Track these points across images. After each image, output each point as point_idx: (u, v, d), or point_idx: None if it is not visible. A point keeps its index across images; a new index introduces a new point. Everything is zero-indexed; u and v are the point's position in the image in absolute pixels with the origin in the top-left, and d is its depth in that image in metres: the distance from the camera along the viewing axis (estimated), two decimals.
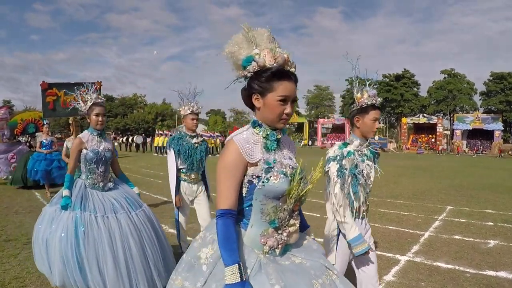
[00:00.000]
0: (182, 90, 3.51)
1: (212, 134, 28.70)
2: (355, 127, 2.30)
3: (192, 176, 3.55)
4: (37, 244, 2.65)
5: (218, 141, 27.02)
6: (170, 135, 24.59)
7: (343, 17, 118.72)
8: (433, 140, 44.15)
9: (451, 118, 48.04)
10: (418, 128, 46.51)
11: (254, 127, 1.43)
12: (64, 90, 5.61)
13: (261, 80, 1.34)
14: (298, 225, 1.44)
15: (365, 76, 2.31)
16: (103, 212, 2.63)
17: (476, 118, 43.11)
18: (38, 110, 14.14)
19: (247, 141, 1.39)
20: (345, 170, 2.07)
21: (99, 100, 2.88)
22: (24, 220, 5.36)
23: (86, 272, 2.43)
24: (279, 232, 1.37)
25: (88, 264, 2.44)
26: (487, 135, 41.75)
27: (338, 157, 2.12)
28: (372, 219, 5.82)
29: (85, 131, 2.92)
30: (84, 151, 2.81)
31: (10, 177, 8.72)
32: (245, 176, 1.37)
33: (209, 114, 71.05)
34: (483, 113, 45.77)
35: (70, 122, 5.89)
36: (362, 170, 2.14)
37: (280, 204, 1.38)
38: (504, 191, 9.13)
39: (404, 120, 46.23)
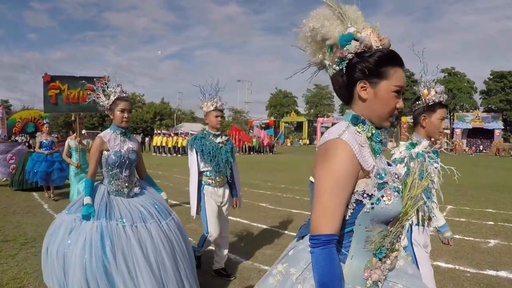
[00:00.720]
0: (204, 84, 3.19)
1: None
2: (419, 126, 2.13)
3: (217, 179, 3.21)
4: (49, 258, 2.25)
5: None
6: (169, 135, 24.17)
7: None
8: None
9: (451, 117, 48.03)
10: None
11: (355, 124, 1.11)
12: (68, 83, 5.20)
13: (370, 64, 1.06)
14: (401, 248, 1.19)
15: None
16: (131, 221, 2.28)
17: (476, 117, 43.09)
18: (37, 109, 13.44)
19: (357, 142, 1.07)
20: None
21: (124, 94, 2.54)
22: (22, 220, 5.33)
23: None
24: (383, 260, 1.10)
25: (122, 281, 2.09)
26: (487, 134, 41.74)
27: (406, 159, 1.96)
28: None
29: (107, 130, 2.57)
30: (105, 153, 2.46)
31: (9, 179, 8.49)
32: (353, 194, 1.05)
33: None
34: (483, 112, 45.77)
35: (72, 119, 5.46)
36: (430, 174, 1.96)
37: (388, 228, 1.10)
38: (504, 191, 9.11)
39: (404, 119, 46.19)
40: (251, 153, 26.97)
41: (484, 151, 38.93)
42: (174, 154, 23.48)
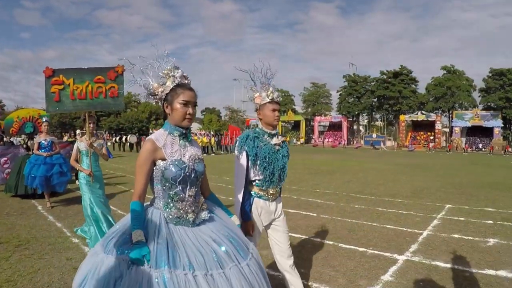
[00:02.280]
0: (253, 69, 2.55)
1: (207, 133, 28.51)
2: None
3: (271, 191, 2.53)
4: None
5: (213, 140, 26.88)
6: None
7: (339, 12, 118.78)
8: (431, 137, 44.17)
9: (450, 115, 48.05)
10: (417, 126, 46.56)
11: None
12: (74, 77, 4.37)
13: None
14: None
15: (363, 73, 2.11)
16: (205, 268, 1.57)
17: (475, 115, 43.16)
18: (36, 108, 12.40)
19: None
20: None
21: (187, 81, 1.84)
22: (15, 222, 5.28)
23: None
24: None
25: None
26: (487, 132, 41.81)
27: None
28: (370, 218, 5.77)
29: (160, 130, 1.87)
30: (160, 163, 1.76)
31: (3, 184, 7.89)
32: None
33: (203, 113, 70.93)
34: (482, 110, 45.83)
35: (83, 117, 4.63)
36: None
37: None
38: (504, 189, 9.09)
39: (402, 117, 46.26)
40: None
41: (483, 149, 38.99)
42: None
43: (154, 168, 1.78)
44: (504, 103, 44.73)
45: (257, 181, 2.50)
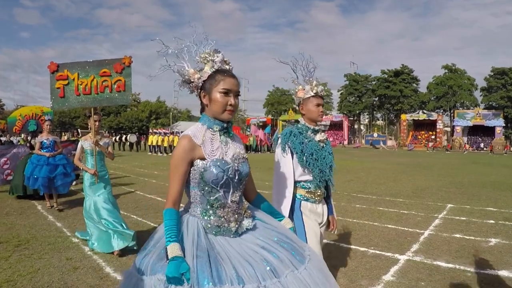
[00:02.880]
0: (293, 59, 2.35)
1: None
2: None
3: (318, 192, 2.31)
4: None
5: None
6: (165, 134, 23.80)
7: (340, 11, 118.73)
8: (433, 136, 44.09)
9: (452, 115, 47.95)
10: (418, 125, 46.47)
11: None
12: (79, 71, 4.10)
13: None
14: None
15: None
16: (256, 279, 1.35)
17: (477, 114, 43.06)
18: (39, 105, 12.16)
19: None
20: None
21: (228, 66, 1.59)
22: (15, 222, 5.27)
23: None
24: None
25: None
26: (488, 132, 41.69)
27: None
28: (371, 217, 5.74)
29: (197, 125, 1.59)
30: (199, 163, 1.50)
31: (3, 185, 7.82)
32: None
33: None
34: (484, 109, 45.73)
35: (88, 114, 4.34)
36: None
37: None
38: (506, 189, 9.05)
39: (403, 116, 46.17)
40: (248, 152, 26.88)
41: (485, 148, 38.91)
42: (170, 154, 23.41)
43: (191, 169, 1.51)
44: (506, 102, 44.62)
45: (303, 183, 2.27)
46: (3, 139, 10.66)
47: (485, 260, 3.79)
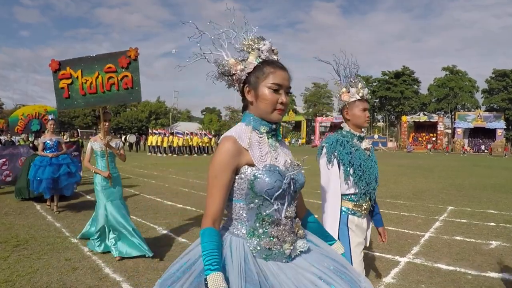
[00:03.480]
0: (335, 58, 2.15)
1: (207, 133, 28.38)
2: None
3: (365, 205, 2.13)
4: None
5: (213, 140, 26.86)
6: (164, 134, 23.63)
7: (341, 12, 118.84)
8: (434, 138, 44.05)
9: (453, 116, 47.91)
10: (419, 127, 46.43)
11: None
12: (82, 68, 3.79)
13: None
14: None
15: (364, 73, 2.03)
16: None
17: (478, 116, 43.01)
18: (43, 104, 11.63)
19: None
20: None
21: (276, 57, 1.35)
22: (14, 221, 5.25)
23: None
24: None
25: None
26: (489, 134, 41.64)
27: None
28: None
29: (240, 125, 1.32)
30: (247, 170, 1.23)
31: (2, 186, 7.70)
32: None
33: (204, 113, 70.92)
34: (485, 111, 45.70)
35: (97, 113, 4.05)
36: None
37: None
38: (506, 191, 9.03)
39: (404, 118, 46.14)
40: None
41: (485, 151, 38.88)
42: (170, 154, 23.41)
43: (236, 177, 1.24)
44: (507, 105, 44.61)
45: (351, 196, 2.08)
46: (3, 138, 10.51)
47: (486, 263, 3.77)
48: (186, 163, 16.76)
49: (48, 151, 5.85)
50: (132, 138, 29.45)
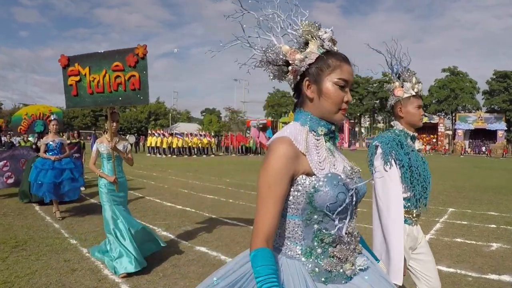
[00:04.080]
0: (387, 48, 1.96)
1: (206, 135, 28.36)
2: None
3: (416, 212, 1.94)
4: None
5: (213, 141, 26.86)
6: (163, 135, 23.67)
7: (341, 12, 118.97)
8: (434, 140, 44.03)
9: (453, 118, 47.88)
10: (419, 128, 45.83)
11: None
12: (90, 65, 3.61)
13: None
14: None
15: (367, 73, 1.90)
16: None
17: (479, 117, 42.97)
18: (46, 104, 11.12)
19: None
20: None
21: (336, 48, 1.15)
22: (12, 222, 5.23)
23: None
24: None
25: None
26: (490, 135, 41.59)
27: None
28: (370, 221, 5.70)
29: (295, 124, 1.14)
30: (305, 180, 1.06)
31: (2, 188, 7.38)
32: None
33: (203, 113, 70.89)
34: (486, 112, 45.65)
35: (104, 114, 3.91)
36: None
37: None
38: (507, 193, 9.00)
39: None
40: (248, 154, 26.86)
41: (487, 152, 38.85)
42: (169, 155, 23.42)
43: (292, 189, 1.06)
44: (508, 106, 44.55)
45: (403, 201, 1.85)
46: (3, 138, 10.42)
47: (487, 265, 3.75)
48: (185, 164, 16.74)
49: (50, 153, 5.61)
50: (131, 138, 29.49)
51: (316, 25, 1.12)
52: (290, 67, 1.11)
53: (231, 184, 9.82)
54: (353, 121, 56.09)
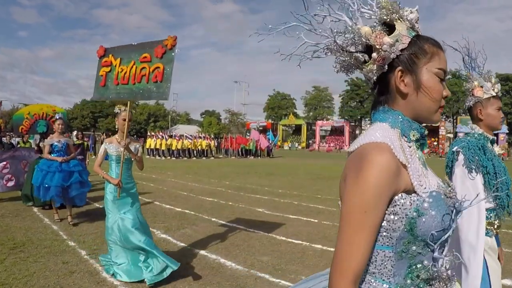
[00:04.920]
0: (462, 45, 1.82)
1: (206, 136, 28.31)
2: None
3: (497, 222, 1.84)
4: None
5: (213, 143, 26.84)
6: (162, 137, 23.60)
7: None
8: (435, 143, 44.00)
9: (454, 121, 47.86)
10: None
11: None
12: (122, 56, 3.58)
13: None
14: None
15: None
16: None
17: None
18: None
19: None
20: None
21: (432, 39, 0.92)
22: (10, 224, 5.20)
23: None
24: None
25: None
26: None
27: None
28: None
29: (384, 127, 0.87)
30: (405, 201, 0.80)
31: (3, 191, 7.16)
32: None
33: (203, 115, 70.91)
34: None
35: (116, 111, 3.64)
36: None
37: None
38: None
39: None
40: (248, 156, 26.83)
41: None
42: (169, 157, 23.38)
43: (387, 212, 0.81)
44: (509, 109, 44.60)
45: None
46: (3, 140, 10.34)
47: None
48: (185, 166, 16.71)
49: (56, 154, 5.24)
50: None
51: (397, 3, 0.88)
52: (374, 54, 0.86)
53: (230, 186, 9.79)
54: (353, 123, 56.10)
